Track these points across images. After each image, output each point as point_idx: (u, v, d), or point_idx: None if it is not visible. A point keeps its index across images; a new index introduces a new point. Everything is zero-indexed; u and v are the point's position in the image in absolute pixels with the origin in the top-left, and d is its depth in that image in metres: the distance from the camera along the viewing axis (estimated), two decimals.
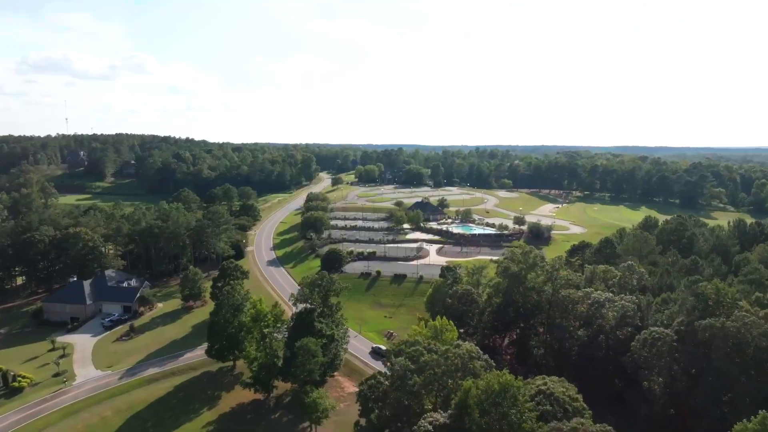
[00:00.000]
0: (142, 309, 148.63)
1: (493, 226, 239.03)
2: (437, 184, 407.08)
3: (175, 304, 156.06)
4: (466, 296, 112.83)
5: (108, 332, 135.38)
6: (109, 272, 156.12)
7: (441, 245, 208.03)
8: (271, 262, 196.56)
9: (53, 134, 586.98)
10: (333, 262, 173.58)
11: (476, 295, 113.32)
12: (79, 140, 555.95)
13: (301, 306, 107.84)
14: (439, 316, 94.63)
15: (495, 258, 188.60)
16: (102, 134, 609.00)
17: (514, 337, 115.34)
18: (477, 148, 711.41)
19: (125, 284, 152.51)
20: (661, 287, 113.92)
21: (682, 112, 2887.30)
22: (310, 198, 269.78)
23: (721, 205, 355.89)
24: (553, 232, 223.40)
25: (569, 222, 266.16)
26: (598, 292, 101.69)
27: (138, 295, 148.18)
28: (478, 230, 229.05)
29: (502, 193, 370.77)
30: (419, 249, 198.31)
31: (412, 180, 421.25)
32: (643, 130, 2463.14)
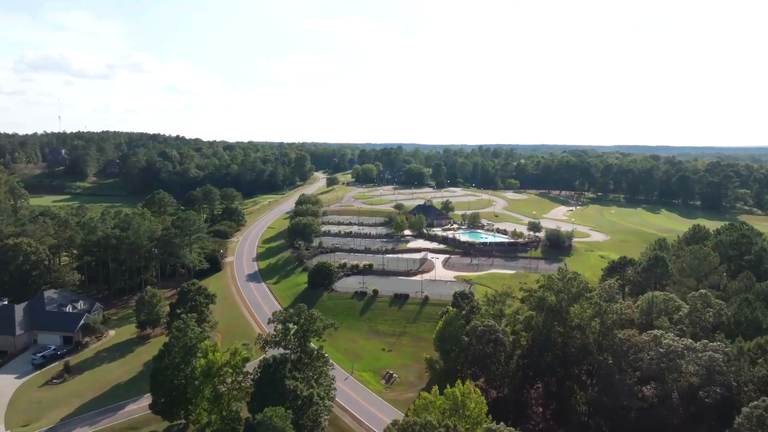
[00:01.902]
0: (87, 339, 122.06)
1: (504, 232, 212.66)
2: (440, 185, 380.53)
3: (130, 331, 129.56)
4: (489, 335, 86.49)
5: (38, 372, 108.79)
6: (50, 293, 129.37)
7: (447, 255, 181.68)
8: (251, 277, 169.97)
9: (41, 133, 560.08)
10: (322, 277, 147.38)
11: (501, 334, 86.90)
12: (62, 138, 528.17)
13: (272, 351, 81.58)
14: (459, 381, 68.08)
15: (510, 272, 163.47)
16: (88, 132, 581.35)
17: (551, 386, 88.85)
18: (480, 147, 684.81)
19: (68, 308, 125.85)
20: (740, 323, 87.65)
21: (683, 111, 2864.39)
22: (301, 201, 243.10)
23: (747, 208, 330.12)
24: (573, 239, 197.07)
25: (588, 227, 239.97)
26: (670, 335, 75.40)
27: (81, 322, 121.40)
28: (489, 238, 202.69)
29: (510, 195, 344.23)
30: (423, 261, 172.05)
31: (412, 180, 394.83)
32: (644, 129, 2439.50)
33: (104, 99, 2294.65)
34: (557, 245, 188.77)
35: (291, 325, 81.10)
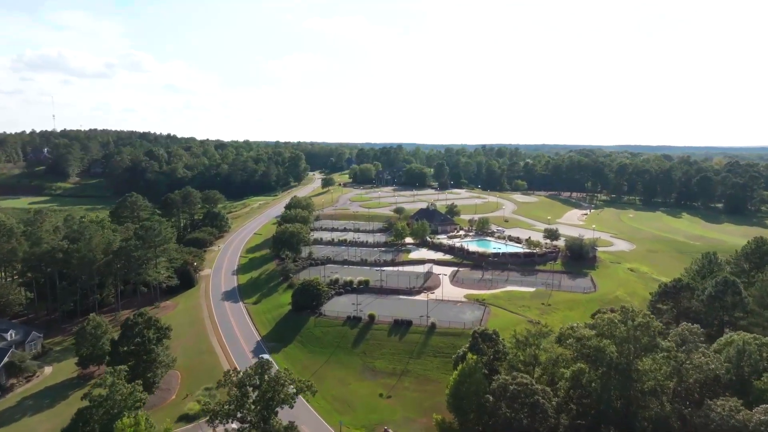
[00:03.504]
0: (12, 381, 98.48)
1: (517, 240, 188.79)
2: (442, 186, 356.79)
3: (72, 367, 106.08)
4: (524, 397, 63.02)
5: None
6: None
7: (455, 268, 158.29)
8: (228, 295, 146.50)
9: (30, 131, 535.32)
10: (308, 298, 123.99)
11: (542, 395, 63.42)
12: (45, 137, 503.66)
13: (223, 427, 58.16)
14: None
15: (529, 289, 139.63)
16: (75, 130, 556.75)
17: None
18: (483, 146, 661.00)
19: None
20: None
21: (683, 111, 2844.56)
22: (291, 204, 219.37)
23: None
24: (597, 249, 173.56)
25: (609, 234, 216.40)
26: None
27: (5, 359, 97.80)
28: (501, 247, 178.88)
29: (519, 197, 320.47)
30: (428, 275, 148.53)
31: (413, 181, 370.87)
32: (644, 129, 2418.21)
33: (103, 98, 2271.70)
34: (580, 256, 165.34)
35: (251, 390, 57.62)
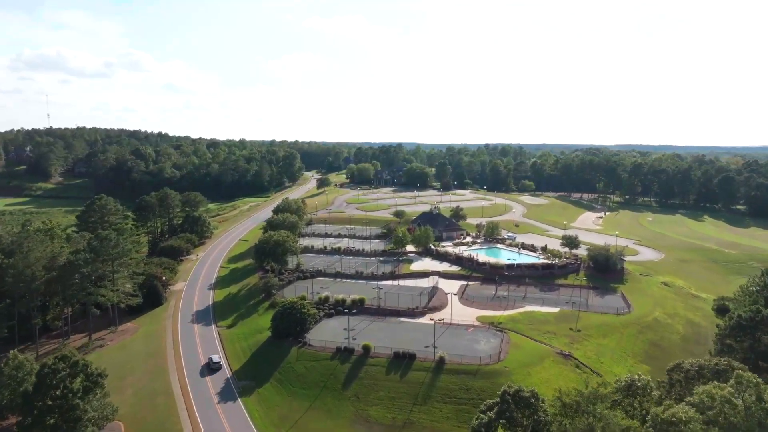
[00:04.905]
0: None
1: (532, 248, 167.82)
2: (445, 187, 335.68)
3: None
4: None
5: None
6: None
7: (464, 282, 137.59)
8: (200, 315, 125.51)
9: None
10: (291, 324, 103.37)
11: None
12: (30, 135, 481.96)
13: None
14: None
15: (552, 309, 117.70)
16: (61, 128, 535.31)
17: None
18: (486, 145, 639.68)
19: None
20: None
21: (683, 111, 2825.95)
22: (279, 208, 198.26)
23: None
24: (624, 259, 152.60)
25: (633, 241, 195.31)
26: None
27: None
28: (515, 257, 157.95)
29: (527, 199, 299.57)
30: (433, 291, 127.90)
31: (414, 182, 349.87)
32: (646, 129, 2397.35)
33: (103, 98, 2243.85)
34: (606, 268, 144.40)
35: None
